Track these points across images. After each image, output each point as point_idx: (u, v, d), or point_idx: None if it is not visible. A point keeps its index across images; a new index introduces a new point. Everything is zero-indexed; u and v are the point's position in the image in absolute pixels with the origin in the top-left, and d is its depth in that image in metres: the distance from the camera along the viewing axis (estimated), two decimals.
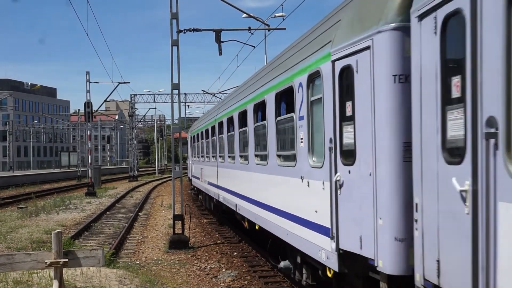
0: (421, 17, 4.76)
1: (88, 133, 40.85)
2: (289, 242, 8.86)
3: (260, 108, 10.75)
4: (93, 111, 40.31)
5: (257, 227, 11.77)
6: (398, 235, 5.43)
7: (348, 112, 6.22)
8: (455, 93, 4.28)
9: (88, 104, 38.65)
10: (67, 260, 7.88)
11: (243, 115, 12.55)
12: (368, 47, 5.70)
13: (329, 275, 7.07)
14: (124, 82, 47.85)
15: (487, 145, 3.77)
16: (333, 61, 6.47)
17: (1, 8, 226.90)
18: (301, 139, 7.93)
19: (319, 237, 7.18)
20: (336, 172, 6.51)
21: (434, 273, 4.61)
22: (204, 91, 57.08)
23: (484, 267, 3.79)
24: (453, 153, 4.34)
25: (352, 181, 6.16)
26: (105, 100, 51.78)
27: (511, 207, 3.54)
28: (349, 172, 6.21)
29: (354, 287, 6.78)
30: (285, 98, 9.01)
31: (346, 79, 6.27)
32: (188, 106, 66.91)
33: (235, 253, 15.18)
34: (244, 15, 27.64)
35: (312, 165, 7.53)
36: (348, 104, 6.22)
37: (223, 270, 13.14)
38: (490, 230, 3.75)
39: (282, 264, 9.69)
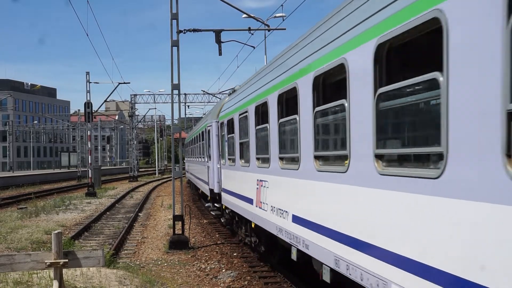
0: (217, 122, 17.85)
1: (88, 134, 40.87)
2: (206, 193, 21.68)
3: (200, 136, 24.09)
4: (93, 111, 40.31)
5: (202, 189, 25.40)
6: (219, 181, 17.51)
7: (210, 144, 19.32)
8: (223, 146, 16.72)
9: (88, 105, 38.66)
10: (67, 260, 7.88)
11: (197, 137, 26.55)
12: (210, 125, 19.24)
13: (209, 199, 20.50)
14: (124, 83, 47.95)
15: (219, 157, 17.53)
16: (207, 126, 20.44)
17: (1, 8, 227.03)
18: (208, 151, 20.10)
19: (207, 186, 20.38)
20: (207, 163, 20.14)
21: (219, 189, 17.53)
22: (204, 91, 57.11)
23: (220, 181, 17.34)
24: (223, 158, 16.65)
25: (210, 166, 19.06)
26: (105, 101, 51.78)
27: (224, 171, 16.37)
28: (209, 163, 19.49)
29: (215, 200, 19.27)
30: (205, 134, 21.33)
31: (209, 133, 19.53)
32: (188, 106, 67.14)
33: (235, 254, 15.18)
34: (244, 15, 27.66)
35: (207, 161, 20.32)
36: (210, 141, 19.34)
37: (223, 270, 13.14)
38: (221, 173, 17.05)
39: (207, 204, 22.32)
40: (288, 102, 8.79)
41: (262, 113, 10.30)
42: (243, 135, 12.40)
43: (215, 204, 19.34)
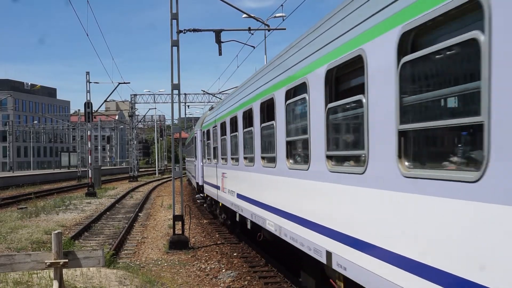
0: (201, 130, 23.29)
1: (88, 134, 40.86)
2: (193, 184, 30.87)
3: (192, 140, 30.23)
4: (93, 111, 40.30)
5: (193, 183, 31.67)
6: (203, 175, 22.86)
7: (196, 147, 24.95)
8: (204, 149, 22.43)
9: (88, 105, 38.66)
10: (67, 260, 7.88)
11: (191, 141, 32.13)
12: (196, 132, 24.72)
13: (197, 189, 26.70)
14: (124, 83, 47.97)
15: (202, 157, 22.94)
16: (194, 133, 26.78)
17: (1, 8, 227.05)
18: (195, 152, 25.75)
19: (195, 180, 27.31)
20: (195, 162, 26.79)
21: (202, 182, 23.10)
22: (204, 91, 57.08)
23: (203, 176, 23.13)
24: (205, 158, 22.15)
25: (196, 164, 25.31)
26: (105, 101, 51.77)
27: (205, 167, 22.08)
28: (196, 162, 25.72)
29: (200, 191, 24.65)
30: (193, 139, 27.54)
31: (196, 140, 25.14)
32: (188, 106, 67.02)
33: (235, 254, 15.18)
34: (244, 15, 27.65)
35: (195, 161, 26.84)
36: (196, 145, 24.91)
37: (223, 270, 13.14)
38: (203, 170, 22.69)
39: (196, 195, 27.55)
40: (232, 123, 13.85)
41: (222, 128, 15.71)
42: (215, 141, 18.00)
43: (201, 194, 25.22)
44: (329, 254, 6.62)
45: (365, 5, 5.54)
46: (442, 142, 4.83)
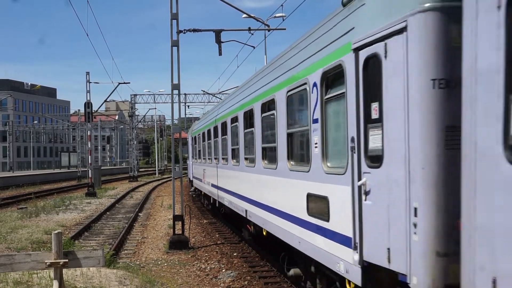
0: (191, 136, 33.44)
1: (88, 134, 40.86)
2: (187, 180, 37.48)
3: (187, 143, 34.54)
4: (93, 111, 40.30)
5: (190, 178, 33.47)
6: (192, 172, 29.84)
7: (188, 149, 33.43)
8: (193, 151, 29.78)
9: (88, 105, 38.65)
10: (67, 260, 7.88)
11: (187, 143, 33.90)
12: (188, 137, 33.41)
13: (190, 183, 33.39)
14: (124, 83, 47.90)
15: (192, 157, 29.75)
16: (187, 138, 33.92)
17: (1, 8, 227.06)
18: (188, 153, 33.16)
19: (188, 176, 35.18)
20: (188, 161, 33.24)
21: (192, 177, 31.09)
22: (204, 91, 57.06)
23: (192, 172, 29.97)
24: (193, 158, 29.29)
25: (188, 163, 32.69)
26: (105, 101, 51.76)
27: (193, 165, 29.36)
28: (188, 161, 33.05)
29: (192, 185, 31.40)
30: (187, 143, 33.24)
31: (188, 143, 33.17)
32: (188, 106, 66.99)
33: (235, 254, 15.18)
34: (244, 15, 27.65)
35: (188, 160, 34.05)
36: (188, 148, 33.16)
37: (223, 270, 13.14)
38: (193, 167, 29.95)
39: (191, 189, 33.05)
40: (209, 133, 19.65)
41: (203, 136, 21.35)
42: (199, 145, 24.13)
43: (192, 187, 30.48)
44: (246, 211, 12.25)
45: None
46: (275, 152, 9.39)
